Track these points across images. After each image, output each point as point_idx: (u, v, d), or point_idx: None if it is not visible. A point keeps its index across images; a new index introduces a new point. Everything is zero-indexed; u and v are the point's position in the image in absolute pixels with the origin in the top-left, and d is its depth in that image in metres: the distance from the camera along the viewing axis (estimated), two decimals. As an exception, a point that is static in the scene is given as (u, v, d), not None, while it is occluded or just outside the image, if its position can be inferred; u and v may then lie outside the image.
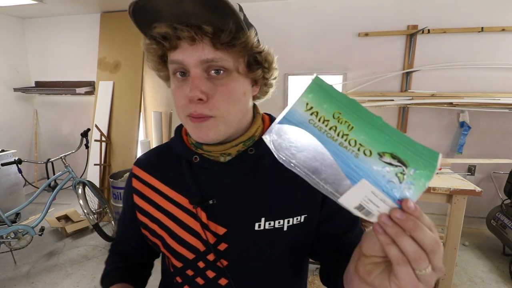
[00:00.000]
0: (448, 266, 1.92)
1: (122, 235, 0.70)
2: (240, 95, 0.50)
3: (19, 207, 2.44)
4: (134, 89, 3.29)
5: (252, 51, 0.48)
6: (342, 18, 2.88)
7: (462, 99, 2.63)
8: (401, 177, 0.31)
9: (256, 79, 0.53)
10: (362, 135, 0.32)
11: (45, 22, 3.65)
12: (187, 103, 0.48)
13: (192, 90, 0.46)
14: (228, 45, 0.46)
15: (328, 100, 0.33)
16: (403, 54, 2.82)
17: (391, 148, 0.31)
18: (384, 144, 0.31)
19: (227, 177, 0.56)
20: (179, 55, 0.47)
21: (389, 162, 0.31)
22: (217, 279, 0.56)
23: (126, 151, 3.29)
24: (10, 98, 3.64)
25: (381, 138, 0.32)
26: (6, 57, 3.58)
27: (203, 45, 0.45)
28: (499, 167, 2.77)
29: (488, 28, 2.59)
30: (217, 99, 0.48)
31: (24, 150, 3.80)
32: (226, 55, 0.47)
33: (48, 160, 2.57)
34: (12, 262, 2.36)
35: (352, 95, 2.90)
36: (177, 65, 0.48)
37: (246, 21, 0.48)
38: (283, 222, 0.55)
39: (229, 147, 0.55)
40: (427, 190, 1.84)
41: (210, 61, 0.46)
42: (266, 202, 0.55)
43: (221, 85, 0.48)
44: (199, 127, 0.49)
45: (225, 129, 0.51)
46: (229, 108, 0.49)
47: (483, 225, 2.69)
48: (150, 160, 0.64)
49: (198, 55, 0.46)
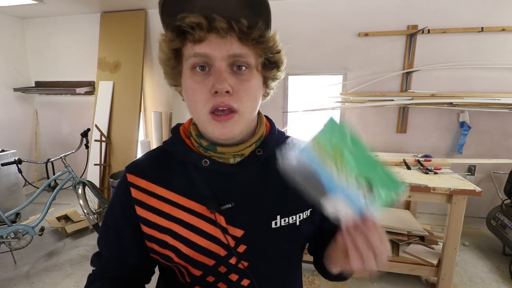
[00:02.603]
0: (448, 266, 1.92)
1: (115, 257, 0.60)
2: (257, 92, 0.52)
3: (19, 207, 2.44)
4: (134, 89, 3.29)
5: (272, 50, 0.50)
6: (342, 18, 2.88)
7: (462, 99, 2.62)
8: (368, 194, 0.41)
9: (268, 78, 0.54)
10: (353, 167, 0.42)
11: (45, 22, 3.65)
12: (210, 97, 0.48)
13: (222, 82, 0.46)
14: (256, 42, 0.47)
15: (336, 138, 0.42)
16: (403, 54, 2.82)
17: (368, 174, 0.42)
18: (363, 172, 0.42)
19: (239, 179, 0.56)
20: (206, 47, 0.46)
21: (362, 184, 0.41)
22: (239, 281, 0.56)
23: (126, 151, 3.29)
24: (10, 98, 3.64)
25: (364, 168, 0.42)
26: (6, 57, 3.58)
27: (231, 39, 0.46)
28: (499, 167, 2.76)
29: (488, 28, 2.59)
30: (241, 93, 0.48)
31: (24, 150, 3.80)
32: (251, 52, 0.47)
33: (48, 160, 2.57)
34: (12, 262, 2.36)
35: (352, 95, 2.90)
36: (200, 58, 0.47)
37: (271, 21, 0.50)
38: (296, 217, 0.58)
39: (243, 148, 0.55)
40: (427, 190, 1.84)
41: (238, 56, 0.46)
42: (279, 200, 0.57)
43: (244, 80, 0.48)
44: (224, 124, 0.49)
45: (244, 126, 0.53)
46: (250, 104, 0.51)
47: (483, 225, 2.68)
48: (146, 166, 0.59)
49: (226, 48, 0.46)
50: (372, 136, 3.03)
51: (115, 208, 0.59)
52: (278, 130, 0.64)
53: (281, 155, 0.43)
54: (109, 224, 0.61)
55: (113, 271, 0.61)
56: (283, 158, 0.43)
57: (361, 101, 2.87)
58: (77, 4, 3.11)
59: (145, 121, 3.61)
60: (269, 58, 0.51)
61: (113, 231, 0.60)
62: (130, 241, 0.58)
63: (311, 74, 3.06)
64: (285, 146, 0.46)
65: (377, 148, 3.01)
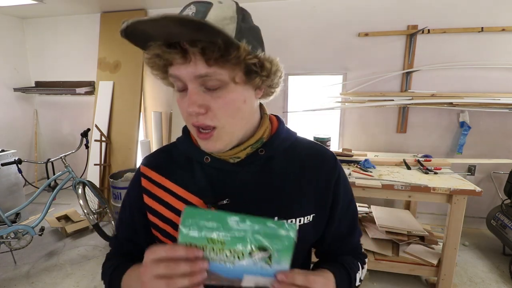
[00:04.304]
0: (448, 266, 1.92)
1: (129, 237, 0.66)
2: (239, 104, 0.51)
3: (19, 207, 2.44)
4: (134, 89, 3.29)
5: (246, 61, 0.47)
6: (342, 18, 2.88)
7: (462, 99, 2.63)
8: (269, 261, 0.43)
9: (257, 85, 0.53)
10: (232, 245, 0.42)
11: (45, 22, 3.65)
12: (189, 115, 0.50)
13: (190, 106, 0.48)
14: (220, 60, 0.46)
15: (199, 231, 0.42)
16: (403, 54, 2.82)
17: (254, 243, 0.42)
18: (248, 243, 0.42)
19: (239, 177, 0.57)
20: (175, 70, 0.48)
21: (257, 255, 0.42)
22: None
23: (126, 151, 3.29)
24: (10, 98, 3.64)
25: (245, 238, 0.42)
26: (6, 57, 3.58)
27: (196, 61, 0.46)
28: (499, 167, 2.77)
29: (488, 28, 2.59)
30: (216, 111, 0.49)
31: (24, 150, 3.80)
32: (220, 69, 0.46)
33: (48, 160, 2.57)
34: (12, 262, 2.36)
35: (352, 95, 2.90)
36: (175, 79, 0.49)
37: (242, 28, 0.48)
38: (295, 221, 0.57)
39: (238, 151, 0.56)
40: (427, 190, 1.85)
41: (204, 76, 0.47)
42: (278, 202, 0.57)
43: (218, 97, 0.49)
44: (206, 141, 0.52)
45: (229, 138, 0.53)
46: (229, 119, 0.50)
47: (483, 225, 2.69)
48: (158, 159, 0.64)
49: (191, 71, 0.46)
50: (372, 136, 3.04)
51: (129, 195, 0.65)
52: (288, 130, 0.63)
53: None
54: (125, 208, 0.66)
55: (128, 248, 0.66)
56: None
57: (361, 101, 2.87)
58: (77, 4, 3.11)
59: (145, 121, 3.61)
60: (251, 68, 0.49)
61: (128, 215, 0.65)
62: (141, 226, 0.63)
63: (311, 74, 3.06)
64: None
65: (377, 148, 3.01)
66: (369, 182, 1.95)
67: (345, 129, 3.09)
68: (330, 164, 0.62)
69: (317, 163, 0.61)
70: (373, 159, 2.37)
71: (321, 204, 0.60)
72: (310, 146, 0.64)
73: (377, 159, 2.42)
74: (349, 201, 0.65)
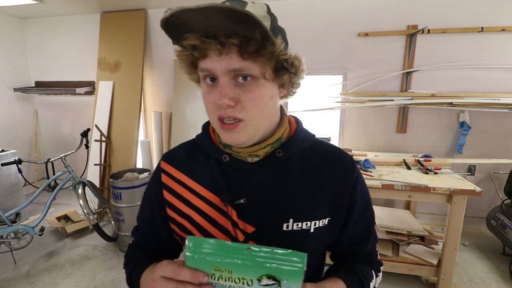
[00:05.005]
0: (448, 266, 1.92)
1: (149, 231, 0.68)
2: (267, 99, 0.53)
3: (19, 207, 2.44)
4: (134, 89, 3.29)
5: (278, 58, 0.50)
6: (342, 18, 2.88)
7: (462, 99, 2.62)
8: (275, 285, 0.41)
9: (283, 82, 0.55)
10: (240, 272, 0.42)
11: (45, 22, 3.65)
12: (216, 107, 0.51)
13: (221, 98, 0.49)
14: (255, 54, 0.48)
15: (204, 261, 0.42)
16: (403, 54, 2.82)
17: (264, 270, 0.41)
18: (257, 270, 0.41)
19: (257, 177, 0.58)
20: (208, 64, 0.49)
21: (266, 283, 0.41)
22: None
23: (126, 151, 3.29)
24: (10, 98, 3.64)
25: (254, 266, 0.41)
26: (6, 57, 3.57)
27: (230, 55, 0.48)
28: (499, 167, 2.76)
29: (488, 28, 2.59)
30: (245, 104, 0.51)
31: (24, 150, 3.79)
32: (253, 64, 0.48)
33: (48, 160, 2.57)
34: (12, 262, 2.36)
35: (352, 95, 2.90)
36: (206, 72, 0.51)
37: (275, 27, 0.50)
38: (310, 224, 0.57)
39: (257, 149, 0.57)
40: (427, 190, 1.85)
41: (237, 70, 0.48)
42: (294, 204, 0.57)
43: (248, 91, 0.50)
44: (229, 132, 0.53)
45: (254, 132, 0.54)
46: (257, 112, 0.52)
47: (483, 225, 2.69)
48: (178, 156, 0.66)
49: (225, 64, 0.48)
50: (372, 136, 3.04)
51: (150, 189, 0.67)
52: (306, 132, 0.64)
53: None
54: (145, 202, 0.69)
55: (148, 243, 0.68)
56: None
57: (361, 101, 2.87)
58: (77, 4, 3.11)
59: (145, 121, 3.61)
60: (281, 65, 0.52)
61: (148, 209, 0.68)
62: (161, 220, 0.65)
63: (311, 74, 3.06)
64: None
65: (377, 148, 3.01)
66: (369, 182, 1.95)
67: (345, 129, 3.09)
68: (347, 167, 0.61)
69: (335, 166, 0.61)
70: (373, 159, 2.37)
71: (337, 208, 0.60)
72: (328, 148, 0.64)
73: (377, 159, 2.42)
74: (365, 206, 0.64)
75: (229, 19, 0.43)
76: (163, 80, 3.43)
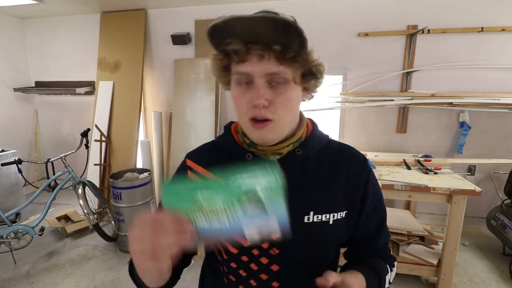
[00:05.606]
0: (448, 266, 1.92)
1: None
2: (294, 102, 0.59)
3: (19, 207, 2.44)
4: (134, 89, 3.29)
5: (308, 65, 0.56)
6: (342, 18, 2.88)
7: (462, 99, 2.63)
8: (263, 205, 0.41)
9: (308, 86, 0.61)
10: (220, 203, 0.41)
11: (45, 22, 3.65)
12: (250, 108, 0.55)
13: (258, 98, 0.53)
14: (291, 61, 0.53)
15: (184, 198, 0.42)
16: (403, 54, 2.82)
17: (242, 191, 0.41)
18: (236, 194, 0.41)
19: None
20: (247, 67, 0.54)
21: (249, 204, 0.41)
22: (269, 265, 0.62)
23: (126, 151, 3.29)
24: (10, 98, 3.64)
25: (231, 193, 0.41)
26: (6, 57, 3.58)
27: (269, 59, 0.52)
28: (499, 167, 2.77)
29: (488, 28, 2.59)
30: (277, 105, 0.55)
31: (24, 150, 3.80)
32: (287, 68, 0.54)
33: (48, 160, 2.57)
34: (12, 262, 2.36)
35: (352, 95, 2.90)
36: (243, 76, 0.55)
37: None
38: (329, 216, 0.62)
39: (281, 147, 0.62)
40: (427, 190, 1.84)
41: (274, 74, 0.53)
42: (314, 198, 0.62)
43: (280, 94, 0.55)
44: (260, 130, 0.57)
45: (280, 131, 0.59)
46: (286, 113, 0.57)
47: (483, 225, 2.69)
48: (202, 154, 0.69)
49: (264, 68, 0.53)
50: (372, 136, 3.04)
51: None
52: (320, 133, 0.70)
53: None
54: None
55: None
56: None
57: (361, 101, 2.87)
58: (77, 4, 3.11)
59: (145, 121, 3.61)
60: (309, 71, 0.57)
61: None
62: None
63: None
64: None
65: (377, 148, 3.01)
66: (369, 182, 1.95)
67: (345, 129, 3.09)
68: (360, 164, 0.67)
69: (349, 163, 0.66)
70: (373, 159, 2.37)
71: (352, 202, 0.64)
72: (341, 147, 0.69)
73: (377, 159, 2.42)
74: (377, 202, 0.68)
75: (274, 27, 0.48)
76: (163, 80, 3.43)
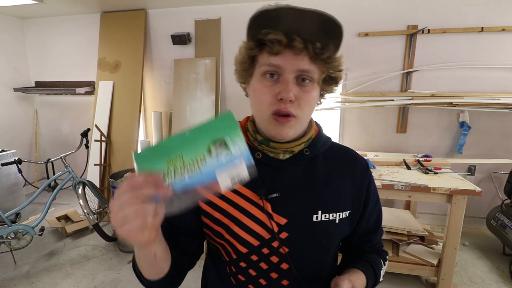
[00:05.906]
0: (448, 266, 1.92)
1: (174, 224, 0.65)
2: (315, 101, 0.60)
3: (19, 207, 2.44)
4: (134, 89, 3.29)
5: (335, 69, 0.58)
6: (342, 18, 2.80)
7: (462, 99, 2.63)
8: (228, 149, 0.44)
9: (325, 91, 0.62)
10: (190, 154, 0.43)
11: (45, 22, 3.65)
12: (275, 101, 0.56)
13: (288, 92, 0.54)
14: (324, 62, 0.55)
15: (156, 161, 0.43)
16: (403, 54, 2.82)
17: (208, 139, 0.43)
18: (203, 142, 0.43)
19: (287, 173, 0.63)
20: (280, 60, 0.54)
21: (216, 150, 0.43)
22: (279, 264, 0.63)
23: (126, 151, 3.29)
24: (10, 98, 3.64)
25: (197, 144, 0.43)
26: (6, 57, 3.58)
27: (303, 57, 0.53)
28: (499, 167, 2.77)
29: (488, 28, 2.59)
30: (302, 102, 0.56)
31: (24, 150, 3.80)
32: (317, 68, 0.55)
33: (48, 160, 2.57)
34: (12, 262, 2.36)
35: (352, 95, 2.90)
36: (273, 68, 0.55)
37: None
38: (336, 215, 0.64)
39: (294, 146, 0.63)
40: (427, 190, 1.84)
41: (305, 71, 0.54)
42: (322, 197, 0.64)
43: (306, 91, 0.56)
44: (282, 125, 0.57)
45: (298, 129, 0.61)
46: (307, 111, 0.59)
47: (483, 225, 2.69)
48: None
49: (297, 64, 0.54)
50: (372, 136, 3.04)
51: None
52: (325, 135, 0.71)
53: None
54: None
55: (169, 238, 0.66)
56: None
57: (361, 101, 2.87)
58: (77, 4, 3.11)
59: (145, 121, 3.61)
60: (330, 75, 0.58)
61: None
62: (190, 212, 0.65)
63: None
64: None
65: (377, 148, 3.01)
66: (369, 182, 1.95)
67: (345, 129, 3.09)
68: (363, 165, 0.70)
69: (353, 166, 0.69)
70: (373, 159, 2.37)
71: (356, 201, 0.67)
72: (344, 149, 0.72)
73: (377, 159, 2.42)
74: (376, 200, 0.73)
75: (320, 25, 0.50)
76: (163, 80, 3.43)
